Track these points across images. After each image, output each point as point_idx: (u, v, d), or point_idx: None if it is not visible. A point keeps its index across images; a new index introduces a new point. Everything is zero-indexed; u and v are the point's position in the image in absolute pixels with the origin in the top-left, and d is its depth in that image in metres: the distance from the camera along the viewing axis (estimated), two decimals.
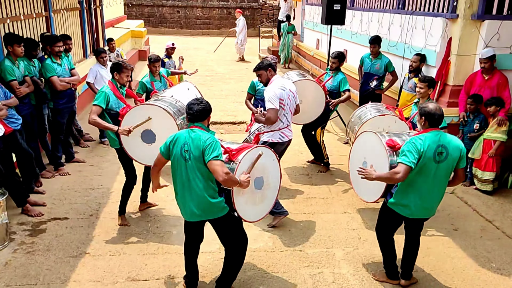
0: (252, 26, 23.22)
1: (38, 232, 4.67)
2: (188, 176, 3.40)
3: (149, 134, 4.57)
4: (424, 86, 5.02)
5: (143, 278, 3.99)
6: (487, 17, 5.93)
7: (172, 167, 3.49)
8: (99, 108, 4.51)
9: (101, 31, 11.23)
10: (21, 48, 5.38)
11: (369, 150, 4.25)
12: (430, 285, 4.02)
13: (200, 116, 3.44)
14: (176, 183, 3.52)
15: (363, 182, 3.85)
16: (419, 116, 3.60)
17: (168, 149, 3.47)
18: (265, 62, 4.82)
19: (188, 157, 3.36)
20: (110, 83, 4.68)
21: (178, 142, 3.41)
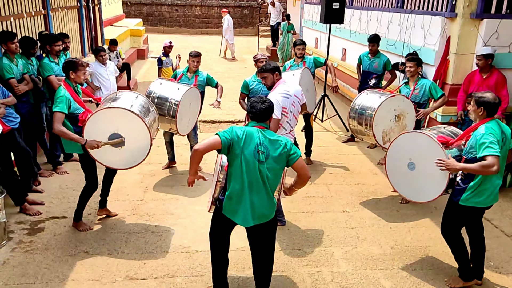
0: (251, 25, 23.22)
1: (36, 231, 4.66)
2: (259, 178, 3.20)
3: (117, 138, 4.36)
4: (413, 65, 5.11)
5: (142, 277, 3.99)
6: (486, 16, 5.93)
7: (234, 166, 3.21)
8: (62, 114, 4.18)
9: (99, 29, 11.22)
10: (15, 44, 5.34)
11: (416, 150, 4.20)
12: (429, 283, 4.02)
13: (264, 116, 3.29)
14: (236, 185, 3.23)
15: (414, 183, 4.19)
16: (475, 105, 3.61)
17: (237, 141, 3.16)
18: (272, 64, 4.66)
19: (263, 158, 3.17)
20: (66, 85, 4.33)
21: (251, 141, 3.17)
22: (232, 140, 3.17)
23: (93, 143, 4.19)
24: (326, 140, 7.76)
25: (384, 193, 5.82)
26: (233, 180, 3.25)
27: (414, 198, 4.42)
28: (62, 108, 4.18)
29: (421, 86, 5.46)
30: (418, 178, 4.22)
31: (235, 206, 3.27)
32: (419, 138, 4.18)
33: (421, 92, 5.44)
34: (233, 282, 3.95)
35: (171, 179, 6.01)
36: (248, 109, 3.34)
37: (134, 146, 4.42)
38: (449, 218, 3.87)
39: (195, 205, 5.31)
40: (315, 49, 12.83)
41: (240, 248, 4.47)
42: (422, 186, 4.19)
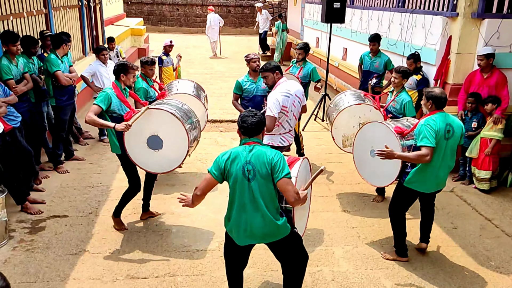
0: (251, 24, 23.20)
1: (37, 229, 4.67)
2: (252, 198, 3.08)
3: (156, 140, 4.37)
4: (398, 77, 5.21)
5: (143, 276, 3.99)
6: (487, 15, 5.93)
7: (230, 191, 3.16)
8: (99, 108, 4.25)
9: (100, 29, 11.21)
10: (17, 47, 5.33)
11: (376, 139, 4.49)
12: (429, 283, 4.02)
13: (256, 130, 3.15)
14: (232, 207, 3.18)
15: (374, 169, 4.52)
16: (425, 100, 3.98)
17: (223, 169, 3.11)
18: (272, 64, 4.63)
19: (251, 176, 3.05)
20: (114, 85, 4.44)
21: (237, 161, 3.07)
22: (222, 168, 3.11)
23: (122, 124, 4.15)
24: (327, 140, 7.75)
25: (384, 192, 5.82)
26: (229, 202, 3.21)
27: (376, 183, 4.82)
28: (99, 102, 4.26)
29: (399, 100, 5.24)
30: (378, 165, 4.49)
31: (235, 225, 3.19)
32: (379, 127, 4.55)
33: (397, 105, 5.27)
34: None
35: (172, 179, 6.02)
36: (239, 124, 3.19)
37: (171, 151, 4.39)
38: (395, 198, 4.28)
39: None
40: (316, 49, 12.83)
41: None
42: (381, 172, 4.52)
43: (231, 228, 3.23)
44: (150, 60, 5.70)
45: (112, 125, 4.21)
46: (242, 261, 3.45)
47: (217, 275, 4.02)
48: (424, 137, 3.79)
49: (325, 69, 9.12)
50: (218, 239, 4.61)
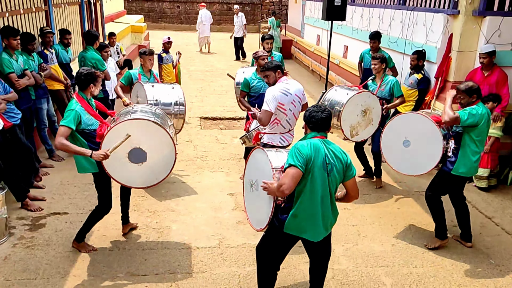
0: (252, 22, 23.17)
1: (37, 226, 4.67)
2: (327, 191, 3.11)
3: (138, 153, 3.96)
4: (377, 63, 5.59)
5: (143, 273, 4.00)
6: (488, 13, 5.91)
7: (304, 183, 3.07)
8: (68, 129, 3.76)
9: (100, 25, 11.19)
10: (17, 41, 5.35)
11: (411, 128, 4.63)
12: (429, 281, 4.02)
13: (325, 125, 3.19)
14: (305, 202, 3.10)
15: (406, 158, 4.67)
16: (467, 94, 4.24)
17: (308, 160, 3.03)
18: (274, 63, 4.64)
19: (329, 170, 3.07)
20: (78, 97, 3.93)
21: (319, 153, 3.06)
22: (307, 159, 3.04)
23: (100, 153, 3.73)
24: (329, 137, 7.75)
25: (385, 190, 5.82)
26: (301, 197, 3.10)
27: (410, 172, 4.84)
28: (68, 123, 3.76)
29: (386, 83, 5.68)
30: (414, 154, 4.62)
31: (303, 223, 3.14)
32: (414, 117, 4.66)
33: (386, 88, 5.68)
34: (234, 278, 3.96)
35: (172, 176, 6.01)
36: (307, 119, 3.22)
37: (157, 162, 4.04)
38: (438, 185, 4.48)
39: (196, 202, 5.32)
40: (317, 46, 12.81)
41: (241, 245, 4.48)
42: (417, 160, 4.60)
43: (300, 225, 3.14)
44: (148, 51, 5.68)
45: (89, 153, 3.74)
46: (281, 259, 3.45)
47: (217, 273, 4.03)
48: (466, 111, 4.12)
49: (325, 67, 9.10)
50: (218, 237, 4.62)
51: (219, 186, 5.79)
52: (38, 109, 6.03)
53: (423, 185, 5.89)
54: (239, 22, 15.40)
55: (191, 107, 9.32)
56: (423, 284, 3.98)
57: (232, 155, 6.89)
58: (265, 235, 3.40)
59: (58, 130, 3.78)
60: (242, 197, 3.76)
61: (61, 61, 6.91)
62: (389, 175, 6.22)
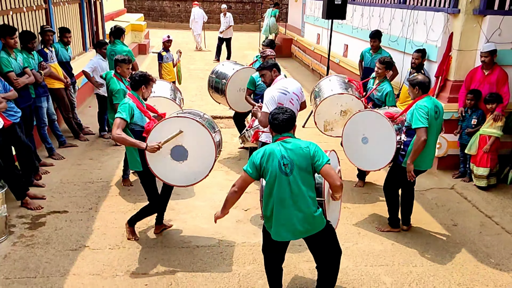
0: (252, 21, 23.16)
1: (37, 225, 4.67)
2: (291, 191, 3.14)
3: (180, 151, 4.06)
4: (382, 68, 5.52)
5: (143, 271, 4.00)
6: (488, 12, 5.90)
7: (268, 186, 3.20)
8: (124, 122, 3.93)
9: (100, 24, 11.18)
10: (14, 40, 5.34)
11: (368, 125, 4.75)
12: (429, 280, 4.02)
13: (287, 126, 3.25)
14: (269, 203, 3.22)
15: (364, 155, 4.80)
16: (411, 87, 4.39)
17: (260, 167, 3.18)
18: (270, 62, 4.66)
19: (289, 170, 3.12)
20: (131, 96, 4.13)
21: (273, 157, 3.14)
22: (258, 166, 3.18)
23: (154, 146, 3.89)
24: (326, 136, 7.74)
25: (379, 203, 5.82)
26: (265, 200, 3.27)
27: (369, 168, 5.05)
28: (125, 116, 3.93)
29: (381, 89, 5.51)
30: (371, 150, 4.76)
31: (276, 222, 3.23)
32: (370, 115, 4.78)
33: (379, 94, 5.53)
34: (234, 277, 3.96)
35: None
36: (270, 121, 3.28)
37: (197, 161, 4.12)
38: (390, 177, 4.67)
39: (196, 201, 5.31)
40: (317, 45, 12.80)
41: (241, 243, 4.48)
42: (374, 156, 4.75)
43: (271, 225, 3.26)
44: (127, 59, 5.36)
45: (144, 146, 3.92)
46: (280, 256, 3.52)
47: (217, 271, 4.03)
48: (418, 120, 4.20)
49: (326, 66, 9.10)
50: (218, 236, 4.62)
51: (219, 185, 5.78)
52: (38, 107, 6.03)
53: (422, 184, 5.90)
54: (226, 23, 14.74)
55: (191, 106, 9.32)
56: (422, 283, 3.98)
57: (232, 154, 6.89)
58: (263, 232, 3.49)
59: (114, 122, 3.92)
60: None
61: (61, 59, 6.91)
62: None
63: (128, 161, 4.24)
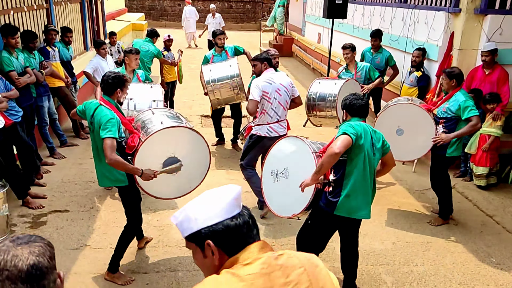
0: (253, 20, 23.15)
1: (38, 224, 4.68)
2: (373, 170, 3.35)
3: (173, 162, 3.72)
4: (348, 52, 6.12)
5: (143, 270, 4.00)
6: (490, 11, 5.89)
7: (355, 163, 3.24)
8: (115, 141, 3.39)
9: (101, 23, 11.19)
10: (15, 40, 5.33)
11: (404, 117, 4.83)
12: (430, 279, 4.02)
13: (365, 111, 3.42)
14: (357, 181, 3.27)
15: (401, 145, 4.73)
16: (448, 79, 4.58)
17: (359, 137, 3.22)
18: (263, 55, 4.84)
19: (374, 150, 3.33)
20: (108, 104, 3.56)
21: (367, 135, 3.29)
22: (359, 136, 3.22)
23: (150, 173, 3.49)
24: (327, 135, 7.75)
25: (386, 188, 5.82)
26: (354, 177, 3.27)
27: (404, 158, 5.22)
28: (115, 133, 3.39)
29: (361, 70, 6.21)
30: (407, 140, 4.84)
31: (353, 203, 3.29)
32: (409, 108, 4.84)
33: (362, 74, 6.22)
34: None
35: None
36: (348, 106, 3.42)
37: (191, 169, 3.84)
38: (440, 170, 4.82)
39: None
40: (318, 45, 12.79)
41: None
42: (410, 146, 4.85)
43: (352, 205, 3.29)
44: (134, 50, 5.29)
45: (139, 173, 3.47)
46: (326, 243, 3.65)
47: None
48: (472, 108, 4.39)
49: (326, 65, 9.09)
50: None
51: (220, 184, 5.68)
52: (39, 106, 6.04)
53: (424, 183, 5.90)
54: (215, 24, 13.87)
55: (192, 105, 9.32)
56: (423, 283, 3.98)
57: (232, 153, 6.89)
58: (309, 223, 3.53)
59: (104, 144, 3.33)
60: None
61: (62, 59, 6.91)
62: (390, 173, 6.21)
63: (102, 177, 3.69)
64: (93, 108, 3.54)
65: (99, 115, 3.46)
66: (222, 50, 6.79)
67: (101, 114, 3.45)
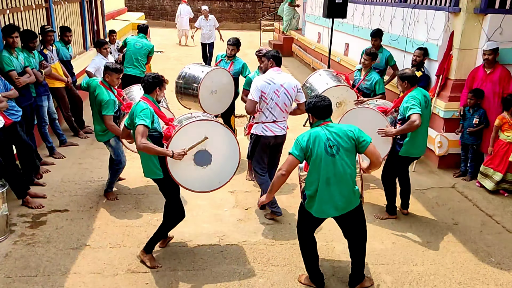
0: (253, 20, 23.14)
1: (38, 224, 4.67)
2: (337, 171, 3.42)
3: (204, 156, 3.94)
4: (368, 59, 5.97)
5: (143, 270, 4.00)
6: (489, 11, 5.89)
7: (313, 167, 3.45)
8: (146, 129, 3.69)
9: (101, 23, 11.19)
10: (13, 39, 5.31)
11: (362, 121, 4.78)
12: (430, 279, 4.02)
13: (328, 112, 3.52)
14: (315, 183, 3.46)
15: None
16: (400, 80, 4.70)
17: (306, 150, 3.41)
18: (271, 52, 4.77)
19: (335, 151, 3.39)
20: (147, 100, 3.87)
21: (319, 141, 3.40)
22: (305, 149, 3.41)
23: (180, 152, 3.73)
24: None
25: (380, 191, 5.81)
26: (309, 180, 3.51)
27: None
28: (148, 122, 3.68)
29: (369, 78, 6.01)
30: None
31: (319, 200, 3.48)
32: (364, 111, 5.04)
33: (368, 83, 6.01)
34: (234, 276, 3.96)
35: None
36: (311, 109, 3.51)
37: (220, 164, 4.03)
38: (390, 167, 4.91)
39: (197, 200, 5.31)
40: (318, 44, 12.79)
41: (242, 242, 4.48)
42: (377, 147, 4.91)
43: (313, 204, 3.52)
44: (119, 68, 5.03)
45: (170, 153, 3.72)
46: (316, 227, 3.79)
47: (217, 270, 4.03)
48: (412, 107, 4.45)
49: (326, 65, 9.09)
50: (218, 234, 4.62)
51: None
52: (38, 106, 6.04)
53: (424, 183, 5.90)
54: (209, 26, 13.12)
55: None
56: (423, 282, 3.98)
57: None
58: (298, 214, 3.79)
59: (136, 130, 3.64)
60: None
61: (61, 58, 6.92)
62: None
63: (144, 170, 3.97)
64: (133, 108, 3.89)
65: (134, 108, 3.83)
66: (230, 59, 6.43)
67: (137, 107, 3.81)
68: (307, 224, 3.72)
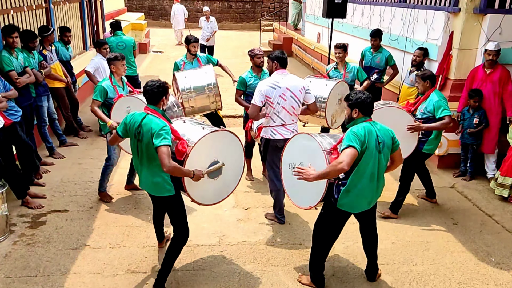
0: (253, 20, 23.14)
1: (38, 224, 4.67)
2: (380, 167, 3.49)
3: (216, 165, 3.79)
4: (341, 51, 6.23)
5: (143, 270, 4.00)
6: (489, 11, 5.89)
7: (363, 161, 3.38)
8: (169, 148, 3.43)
9: (101, 23, 11.18)
10: (13, 39, 5.31)
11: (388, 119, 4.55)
12: (429, 278, 4.03)
13: (372, 109, 3.52)
14: (361, 177, 3.43)
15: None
16: (422, 81, 4.79)
17: (364, 141, 3.35)
18: (274, 54, 4.66)
19: (381, 148, 3.44)
20: (156, 113, 3.55)
21: (371, 135, 3.41)
22: (364, 143, 3.36)
23: (200, 174, 3.53)
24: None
25: (385, 188, 5.79)
26: (354, 175, 3.43)
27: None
28: (170, 141, 3.40)
29: (350, 70, 6.32)
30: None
31: (359, 195, 3.48)
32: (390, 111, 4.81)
33: (351, 75, 6.32)
34: (234, 276, 3.96)
35: None
36: (357, 103, 3.45)
37: (229, 172, 3.93)
38: (412, 164, 4.95)
39: None
40: (318, 44, 12.79)
41: (241, 242, 4.48)
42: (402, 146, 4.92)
43: (354, 199, 3.49)
44: (119, 56, 4.96)
45: (191, 175, 3.50)
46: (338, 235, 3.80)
47: (217, 270, 4.03)
48: (445, 108, 4.63)
49: (326, 65, 9.09)
50: (218, 234, 4.62)
51: None
52: (38, 106, 6.03)
53: None
54: (210, 29, 13.00)
55: None
56: (423, 282, 3.98)
57: None
58: (322, 213, 3.73)
59: (161, 152, 3.31)
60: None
61: (61, 58, 6.92)
62: (390, 173, 6.21)
63: (151, 188, 3.64)
64: (139, 119, 3.51)
65: (149, 124, 3.43)
66: (194, 57, 6.43)
67: (151, 123, 3.43)
68: (335, 222, 3.67)
